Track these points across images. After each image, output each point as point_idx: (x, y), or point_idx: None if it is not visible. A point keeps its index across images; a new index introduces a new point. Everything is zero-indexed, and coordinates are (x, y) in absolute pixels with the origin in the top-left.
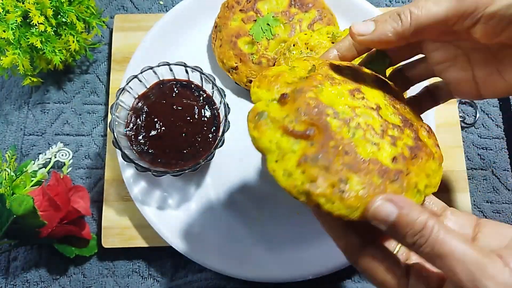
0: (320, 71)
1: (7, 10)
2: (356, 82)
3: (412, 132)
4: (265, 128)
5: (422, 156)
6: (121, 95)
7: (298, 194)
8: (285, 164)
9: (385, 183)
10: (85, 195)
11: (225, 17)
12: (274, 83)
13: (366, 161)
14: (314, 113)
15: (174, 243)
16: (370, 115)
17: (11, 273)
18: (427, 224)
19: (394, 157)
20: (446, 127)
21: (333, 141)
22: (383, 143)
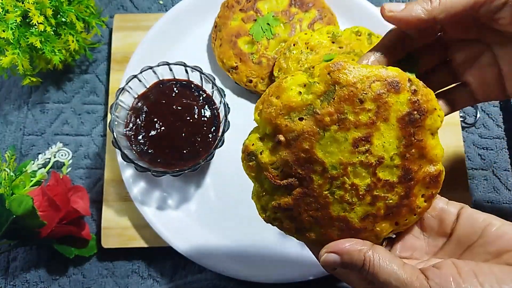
0: (336, 103)
1: (6, 9)
2: (374, 124)
3: (405, 189)
4: (253, 169)
5: (400, 213)
6: (120, 95)
7: (270, 224)
8: (262, 202)
9: (343, 235)
10: (85, 195)
11: (225, 16)
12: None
13: (334, 218)
14: (300, 168)
15: (173, 244)
16: (361, 173)
17: (10, 273)
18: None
19: (365, 216)
20: (446, 127)
21: (309, 197)
22: (359, 204)
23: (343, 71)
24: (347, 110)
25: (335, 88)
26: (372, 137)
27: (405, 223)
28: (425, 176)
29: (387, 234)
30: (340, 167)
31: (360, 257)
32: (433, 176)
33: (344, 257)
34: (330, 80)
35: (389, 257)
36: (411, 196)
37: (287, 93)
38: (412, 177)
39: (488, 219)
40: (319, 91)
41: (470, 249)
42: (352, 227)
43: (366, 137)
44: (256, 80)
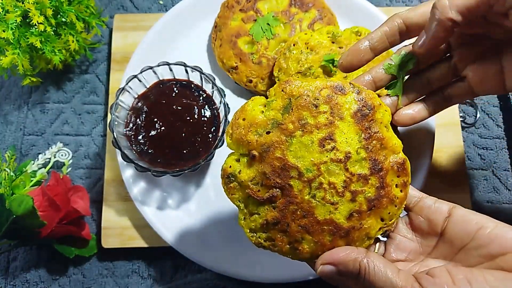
0: (295, 112)
1: (6, 10)
2: (332, 124)
3: (378, 180)
4: (234, 190)
5: (381, 205)
6: (120, 95)
7: (262, 247)
8: (250, 224)
9: (335, 239)
10: (85, 195)
11: (225, 16)
12: (244, 137)
13: (321, 223)
14: (278, 176)
15: (173, 243)
16: (335, 170)
17: (10, 273)
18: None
19: (350, 214)
20: (446, 127)
21: (293, 205)
22: (342, 201)
23: (293, 85)
24: (305, 115)
25: (291, 101)
26: (334, 135)
27: (390, 217)
28: (392, 165)
29: (376, 232)
30: (313, 168)
31: (356, 265)
32: (399, 164)
33: (340, 267)
34: (285, 95)
35: (383, 264)
36: (385, 186)
37: (251, 114)
38: (381, 167)
39: (481, 221)
40: (278, 106)
41: (464, 251)
42: (341, 228)
43: (329, 136)
44: (256, 80)
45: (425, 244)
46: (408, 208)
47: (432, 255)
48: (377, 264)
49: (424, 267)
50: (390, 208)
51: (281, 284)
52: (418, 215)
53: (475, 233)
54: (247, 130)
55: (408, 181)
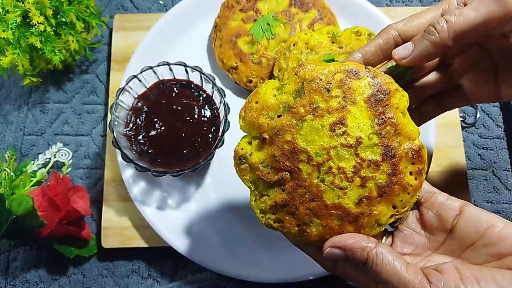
0: (307, 96)
1: (6, 10)
2: (344, 108)
3: (390, 166)
4: (245, 172)
5: (393, 192)
6: (121, 95)
7: (271, 228)
8: (260, 205)
9: (344, 224)
10: (85, 195)
11: (225, 16)
12: (256, 120)
13: (329, 207)
14: (288, 160)
15: (174, 243)
16: (345, 155)
17: (10, 273)
18: (368, 259)
19: (359, 200)
20: (446, 127)
21: (301, 188)
22: (351, 186)
23: (307, 68)
24: (317, 99)
25: (303, 85)
26: (345, 119)
27: (403, 205)
28: (406, 151)
29: (387, 220)
30: (323, 152)
31: (363, 254)
32: (414, 151)
33: (347, 253)
34: (298, 78)
35: (393, 256)
36: (398, 173)
37: (264, 97)
38: (394, 153)
39: (492, 220)
40: (291, 90)
41: (472, 249)
42: (349, 213)
43: (340, 120)
44: (256, 80)
45: (433, 240)
46: (419, 202)
47: (439, 251)
48: (387, 255)
49: (431, 262)
50: (402, 195)
51: (281, 284)
52: (429, 210)
53: (485, 231)
54: (259, 113)
55: (424, 169)
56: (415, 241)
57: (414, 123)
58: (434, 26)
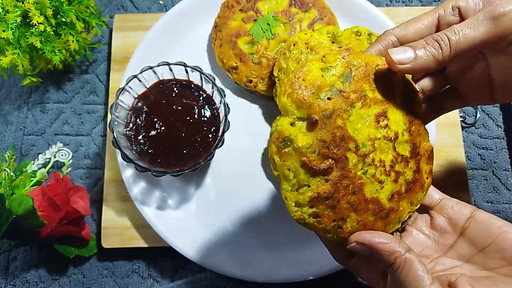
0: (355, 83)
1: (6, 10)
2: (386, 100)
3: (415, 163)
4: (287, 157)
5: (415, 189)
6: (121, 95)
7: (303, 223)
8: (297, 197)
9: (376, 220)
10: (85, 195)
11: (225, 16)
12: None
13: (368, 201)
14: (337, 147)
15: (174, 243)
16: (385, 148)
17: (10, 273)
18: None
19: (391, 195)
20: (446, 127)
21: (346, 180)
22: (387, 181)
23: (355, 55)
24: (365, 87)
25: (351, 70)
26: (387, 112)
27: (417, 202)
28: (425, 151)
29: (406, 216)
30: (369, 143)
31: (391, 258)
32: (430, 151)
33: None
34: (346, 63)
35: (421, 269)
36: (420, 171)
37: (314, 75)
38: (418, 151)
39: (504, 226)
40: (339, 73)
41: (483, 253)
42: (383, 209)
43: (384, 113)
44: (256, 80)
45: (442, 243)
46: (429, 207)
47: (448, 254)
48: (414, 265)
49: (439, 265)
50: (419, 193)
51: (281, 284)
52: (439, 214)
53: (498, 236)
54: (309, 92)
55: (432, 170)
56: (423, 243)
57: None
58: (438, 41)
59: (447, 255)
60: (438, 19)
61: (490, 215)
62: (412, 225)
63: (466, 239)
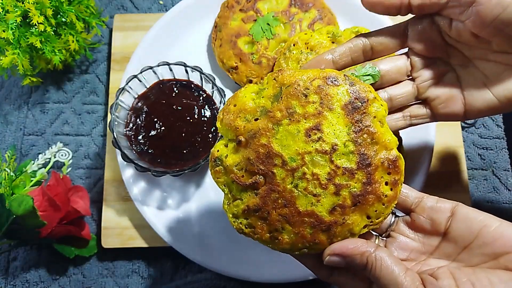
0: (284, 101)
1: (6, 10)
2: (321, 114)
3: (366, 175)
4: (220, 174)
5: (367, 201)
6: (121, 95)
7: (242, 233)
8: (233, 209)
9: (316, 232)
10: (85, 195)
11: (225, 16)
12: (233, 123)
13: (302, 214)
14: (262, 163)
15: (174, 244)
16: (320, 162)
17: (10, 273)
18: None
19: (332, 208)
20: (446, 127)
21: (274, 193)
22: (325, 194)
23: (285, 74)
24: (294, 104)
25: (281, 89)
26: (322, 125)
27: (377, 215)
28: (382, 161)
29: (360, 230)
30: (298, 158)
31: (363, 260)
32: (390, 161)
33: (347, 259)
34: (277, 83)
35: (392, 261)
36: (373, 182)
37: (242, 100)
38: (370, 162)
39: (485, 220)
40: (269, 94)
41: (467, 250)
42: (322, 222)
43: (316, 126)
44: (256, 80)
45: (428, 244)
46: (410, 209)
47: (434, 254)
48: (386, 260)
49: (427, 266)
50: (377, 206)
51: (281, 284)
52: (420, 215)
53: (479, 231)
54: (236, 116)
55: (400, 180)
56: (409, 246)
57: (392, 133)
58: None
59: (433, 256)
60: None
61: (470, 209)
62: (396, 231)
63: (450, 238)
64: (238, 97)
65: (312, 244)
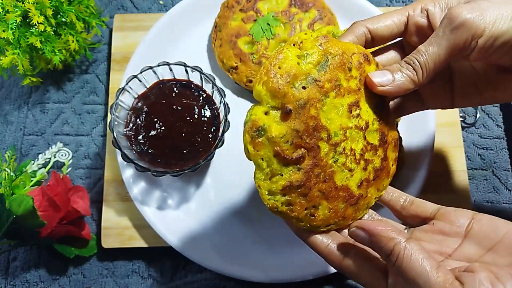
0: (331, 72)
1: (6, 10)
2: (359, 90)
3: (383, 152)
4: (261, 146)
5: (382, 176)
6: (121, 95)
7: (276, 212)
8: (270, 185)
9: (347, 207)
10: (85, 195)
11: (225, 16)
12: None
13: (338, 189)
14: (309, 136)
15: (173, 244)
16: (356, 137)
17: (10, 273)
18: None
19: (360, 183)
20: (446, 127)
21: (318, 168)
22: (357, 169)
23: (332, 43)
24: (340, 77)
25: (327, 58)
26: (359, 102)
27: (383, 188)
28: (392, 139)
29: (374, 201)
30: (340, 132)
31: (389, 245)
32: (396, 140)
33: (372, 238)
34: (322, 51)
35: (424, 255)
36: (387, 158)
37: (289, 63)
38: (386, 140)
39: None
40: (315, 61)
41: (492, 251)
42: (353, 196)
43: (356, 102)
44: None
45: (446, 245)
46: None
47: (454, 256)
48: (416, 252)
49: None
50: (385, 180)
51: (281, 284)
52: (440, 220)
53: (506, 232)
54: (285, 81)
55: (397, 157)
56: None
57: None
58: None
59: (453, 258)
60: (407, 17)
61: (491, 216)
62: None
63: (472, 239)
64: (284, 58)
65: (341, 219)
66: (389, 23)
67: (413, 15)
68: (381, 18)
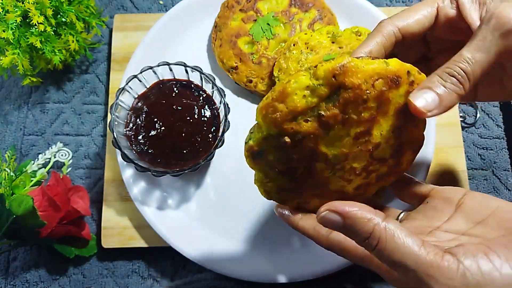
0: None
1: (6, 10)
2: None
3: (394, 160)
4: (259, 164)
5: (389, 179)
6: (121, 95)
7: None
8: (267, 188)
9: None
10: (85, 195)
11: (225, 16)
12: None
13: (332, 191)
14: (305, 160)
15: (173, 243)
16: (360, 159)
17: (10, 273)
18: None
19: (358, 186)
20: (446, 127)
21: (311, 179)
22: (356, 179)
23: (349, 74)
24: (351, 110)
25: (340, 91)
26: (372, 129)
27: (387, 184)
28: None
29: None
30: (341, 157)
31: (367, 227)
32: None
33: (347, 221)
34: (336, 82)
35: (405, 233)
36: (400, 164)
37: (292, 98)
38: (402, 150)
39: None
40: (324, 94)
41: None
42: (347, 195)
43: (367, 131)
44: (256, 80)
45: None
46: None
47: (441, 228)
48: (398, 231)
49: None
50: (391, 179)
51: (281, 284)
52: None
53: (496, 208)
54: (284, 117)
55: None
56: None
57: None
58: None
59: (440, 229)
60: (437, 9)
61: (484, 194)
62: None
63: (462, 213)
64: (287, 93)
65: None
66: (419, 18)
67: (443, 6)
68: (410, 13)
